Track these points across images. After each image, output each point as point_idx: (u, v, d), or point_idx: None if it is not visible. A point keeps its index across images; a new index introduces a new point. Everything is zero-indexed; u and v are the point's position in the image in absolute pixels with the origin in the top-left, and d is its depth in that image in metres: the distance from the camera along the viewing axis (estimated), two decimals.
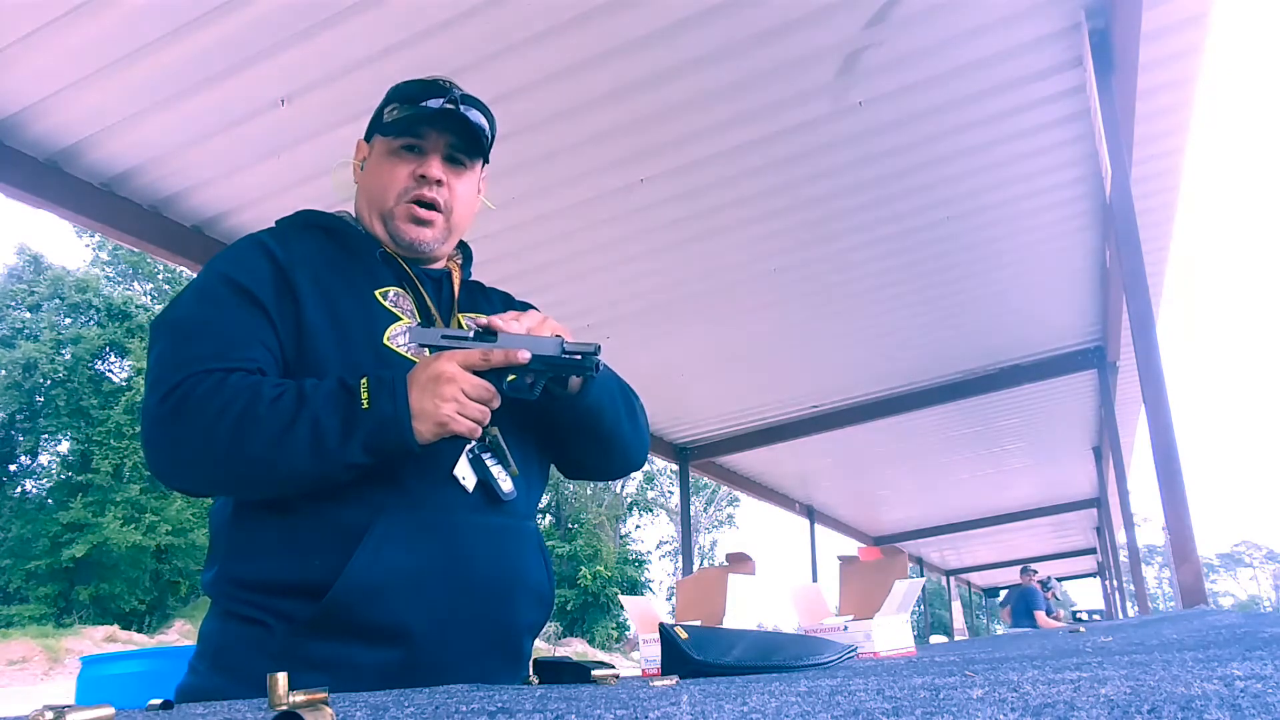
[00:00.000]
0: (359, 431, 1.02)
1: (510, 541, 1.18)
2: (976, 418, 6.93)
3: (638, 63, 2.78)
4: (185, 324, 1.12)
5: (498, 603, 1.14)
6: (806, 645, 1.01)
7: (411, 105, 1.26)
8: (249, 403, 1.02)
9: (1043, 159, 3.50)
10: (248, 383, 1.05)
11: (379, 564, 1.05)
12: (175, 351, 1.09)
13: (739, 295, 4.43)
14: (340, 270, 1.21)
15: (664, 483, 30.76)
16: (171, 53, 2.59)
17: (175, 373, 1.05)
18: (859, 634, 1.66)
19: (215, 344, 1.09)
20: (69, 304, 21.33)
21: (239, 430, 1.01)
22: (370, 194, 1.29)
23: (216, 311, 1.12)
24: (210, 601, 1.15)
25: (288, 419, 1.02)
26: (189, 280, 1.26)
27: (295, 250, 1.20)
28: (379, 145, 1.30)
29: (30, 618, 17.33)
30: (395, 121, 1.27)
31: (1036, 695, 0.45)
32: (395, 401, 1.03)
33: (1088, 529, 12.86)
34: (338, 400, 1.04)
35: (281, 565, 1.07)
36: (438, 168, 1.26)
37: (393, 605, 1.05)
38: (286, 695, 0.61)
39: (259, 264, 1.17)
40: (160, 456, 1.06)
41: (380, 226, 1.28)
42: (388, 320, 1.18)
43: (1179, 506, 2.58)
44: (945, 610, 22.31)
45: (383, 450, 1.04)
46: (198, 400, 1.02)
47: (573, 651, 19.95)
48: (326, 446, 1.02)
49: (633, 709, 0.48)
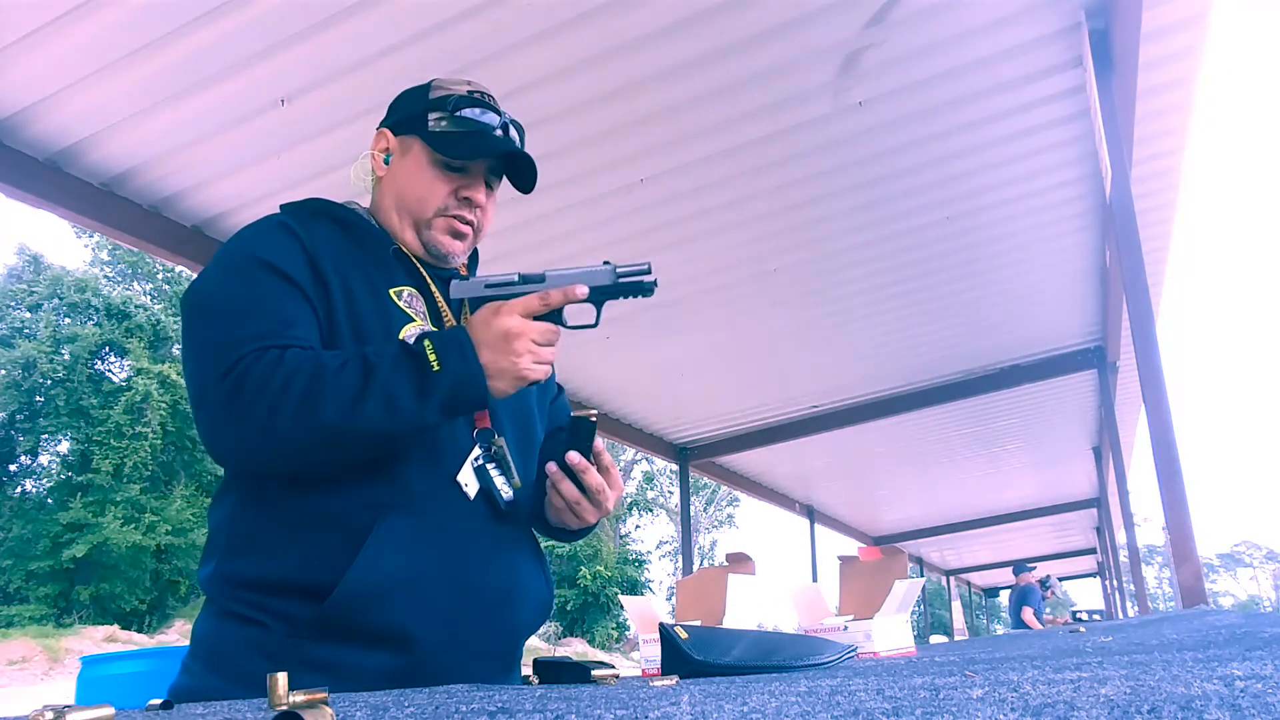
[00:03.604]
0: (434, 394, 1.02)
1: (510, 549, 1.18)
2: (976, 418, 6.93)
3: (638, 63, 2.78)
4: (232, 303, 1.10)
5: (497, 609, 1.13)
6: (806, 645, 1.01)
7: (464, 122, 1.23)
8: (314, 373, 1.01)
9: (1043, 159, 3.50)
10: (306, 355, 1.04)
11: (381, 567, 1.04)
12: (226, 330, 1.07)
13: (739, 295, 4.43)
14: (358, 265, 1.19)
15: (664, 483, 30.73)
16: (171, 53, 2.59)
17: (230, 351, 1.04)
18: (859, 634, 1.66)
19: (267, 323, 1.08)
20: (68, 304, 21.32)
21: (309, 401, 1.00)
22: (403, 198, 1.25)
23: (260, 292, 1.11)
24: (205, 600, 1.14)
25: (358, 386, 1.01)
26: (199, 268, 1.25)
27: (317, 239, 1.18)
28: (419, 151, 1.24)
29: (30, 618, 17.31)
30: (451, 140, 1.23)
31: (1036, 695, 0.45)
32: (466, 360, 1.04)
33: (1088, 529, 12.85)
34: (404, 364, 1.03)
35: (281, 563, 1.06)
36: (483, 193, 1.26)
37: (394, 609, 1.05)
38: (286, 695, 0.61)
39: (292, 248, 1.15)
40: (223, 434, 1.04)
41: (410, 232, 1.25)
42: (403, 320, 1.17)
43: (1179, 506, 2.58)
44: (945, 610, 22.31)
45: (459, 409, 1.06)
46: (259, 375, 1.01)
47: (573, 651, 19.95)
48: (402, 411, 1.01)
49: (633, 709, 0.48)
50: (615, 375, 5.39)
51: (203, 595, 1.14)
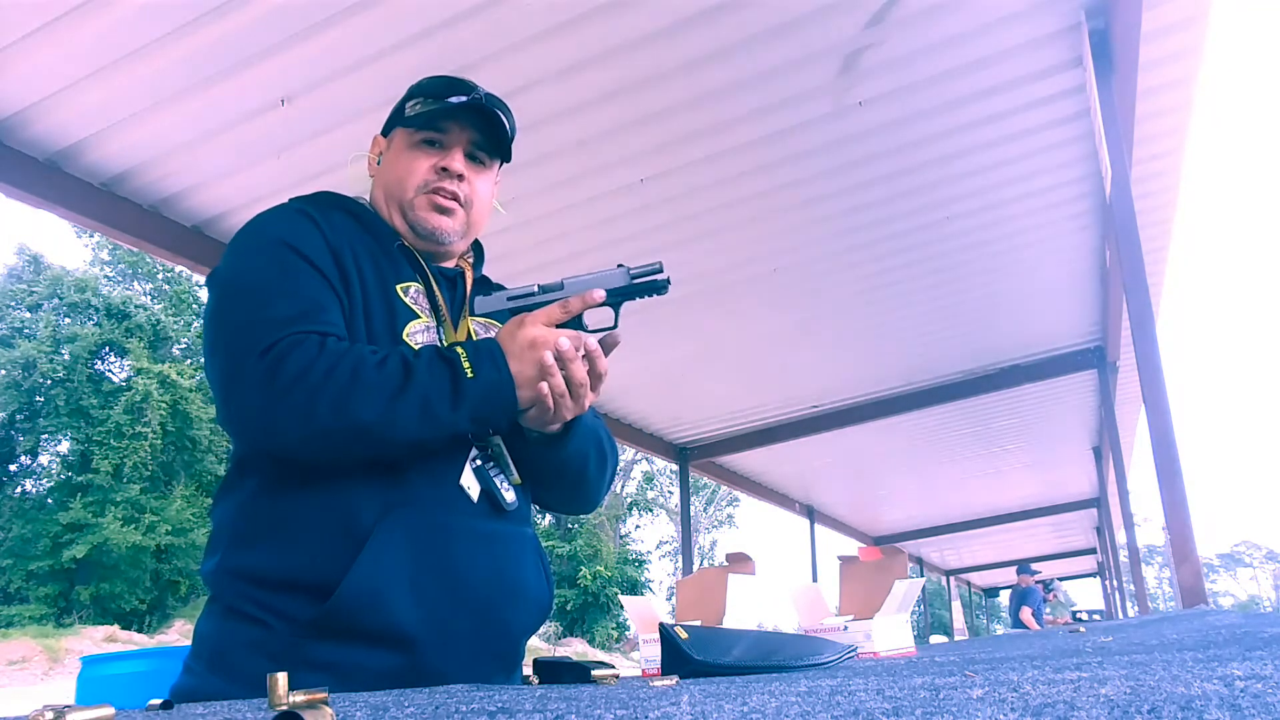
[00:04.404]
0: (467, 400, 1.04)
1: (511, 549, 1.18)
2: (976, 418, 6.94)
3: (638, 63, 2.78)
4: (265, 284, 1.10)
5: (498, 610, 1.14)
6: (806, 645, 1.01)
7: (435, 100, 1.26)
8: (355, 366, 1.02)
9: (1043, 159, 3.50)
10: (345, 347, 1.05)
11: (384, 568, 1.04)
12: (260, 310, 1.06)
13: (739, 295, 4.43)
14: (370, 257, 1.20)
15: (664, 483, 30.74)
16: (171, 53, 2.59)
17: (268, 330, 1.03)
18: (859, 634, 1.66)
19: (301, 305, 1.07)
20: (68, 304, 21.33)
21: (348, 394, 1.00)
22: (389, 186, 1.28)
23: (292, 274, 1.11)
24: (207, 598, 1.14)
25: (397, 385, 1.02)
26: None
27: (336, 229, 1.19)
28: (400, 138, 1.29)
29: (30, 618, 17.32)
30: (418, 115, 1.26)
31: (1036, 695, 0.45)
32: (499, 369, 1.06)
33: (1088, 529, 12.86)
34: (440, 369, 1.05)
35: (286, 559, 1.06)
36: (460, 161, 1.26)
37: (397, 610, 1.04)
38: (286, 695, 0.61)
39: (314, 237, 1.16)
40: (255, 412, 1.03)
41: (399, 218, 1.26)
42: (408, 317, 1.18)
43: (1179, 506, 2.58)
44: (945, 610, 22.32)
45: (489, 418, 1.08)
46: (301, 360, 1.01)
47: (573, 651, 19.95)
48: (436, 414, 1.03)
49: (633, 709, 0.48)
50: (615, 375, 5.35)
51: (203, 596, 1.14)
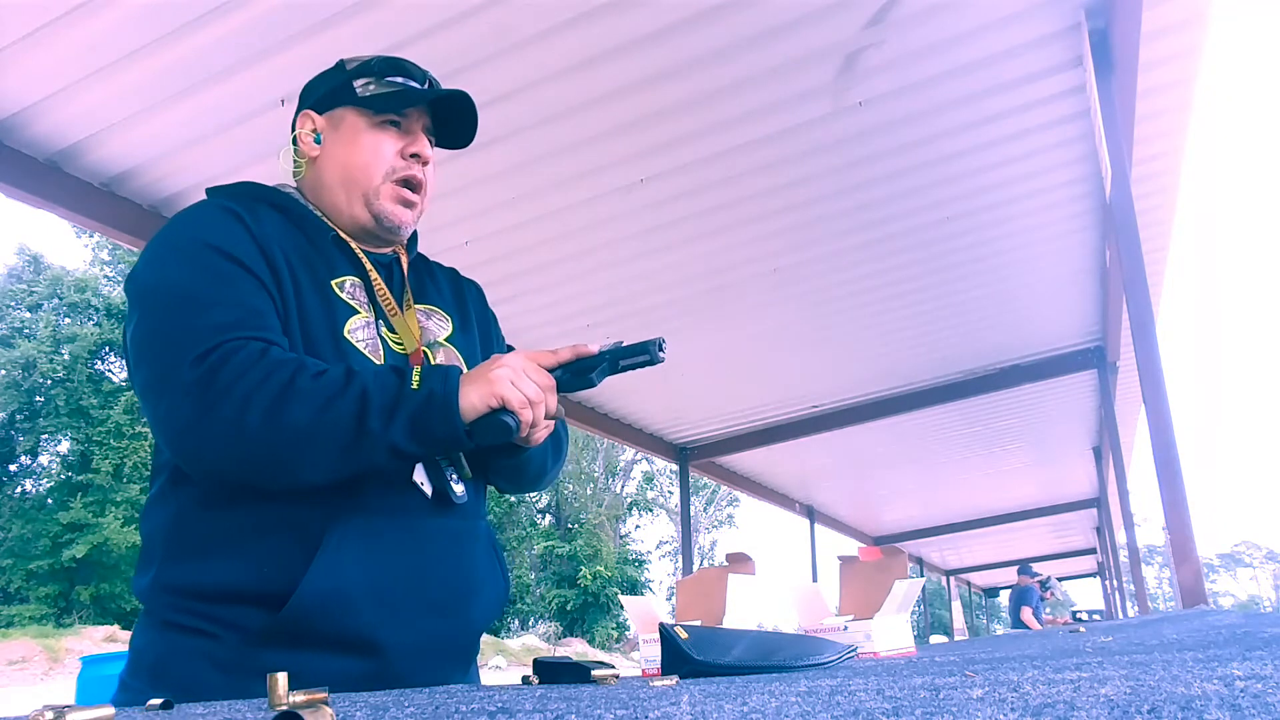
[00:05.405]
0: (404, 409, 0.97)
1: (466, 544, 1.15)
2: (976, 418, 6.94)
3: (638, 63, 2.78)
4: (195, 291, 1.03)
5: (456, 608, 1.11)
6: (806, 645, 1.01)
7: (386, 81, 1.21)
8: (294, 374, 0.97)
9: (1043, 159, 3.50)
10: (290, 357, 0.99)
11: (340, 572, 1.00)
12: (192, 318, 1.00)
13: (739, 295, 4.43)
14: (302, 255, 1.14)
15: (664, 483, 30.73)
16: (171, 53, 2.59)
17: (204, 337, 0.97)
18: (859, 634, 1.66)
19: (237, 313, 1.01)
20: (68, 303, 21.34)
21: (281, 400, 0.95)
22: (348, 168, 1.19)
23: (224, 280, 1.04)
24: (143, 611, 1.08)
25: (333, 391, 0.96)
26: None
27: (264, 227, 1.12)
28: (352, 118, 1.20)
29: (30, 618, 17.34)
30: (378, 96, 1.20)
31: (1036, 695, 0.45)
32: (446, 383, 0.99)
33: (1088, 529, 12.86)
34: (387, 379, 0.99)
35: (230, 571, 1.01)
36: (428, 146, 1.23)
37: (354, 613, 1.01)
38: (286, 695, 0.61)
39: (242, 237, 1.09)
40: (184, 425, 0.96)
41: (359, 205, 1.19)
42: (347, 313, 1.13)
43: (1179, 506, 2.58)
44: (945, 610, 22.32)
45: (429, 433, 0.98)
46: (238, 366, 0.95)
47: (573, 651, 19.95)
48: (369, 424, 0.96)
49: (633, 709, 0.48)
50: (616, 375, 5.38)
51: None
